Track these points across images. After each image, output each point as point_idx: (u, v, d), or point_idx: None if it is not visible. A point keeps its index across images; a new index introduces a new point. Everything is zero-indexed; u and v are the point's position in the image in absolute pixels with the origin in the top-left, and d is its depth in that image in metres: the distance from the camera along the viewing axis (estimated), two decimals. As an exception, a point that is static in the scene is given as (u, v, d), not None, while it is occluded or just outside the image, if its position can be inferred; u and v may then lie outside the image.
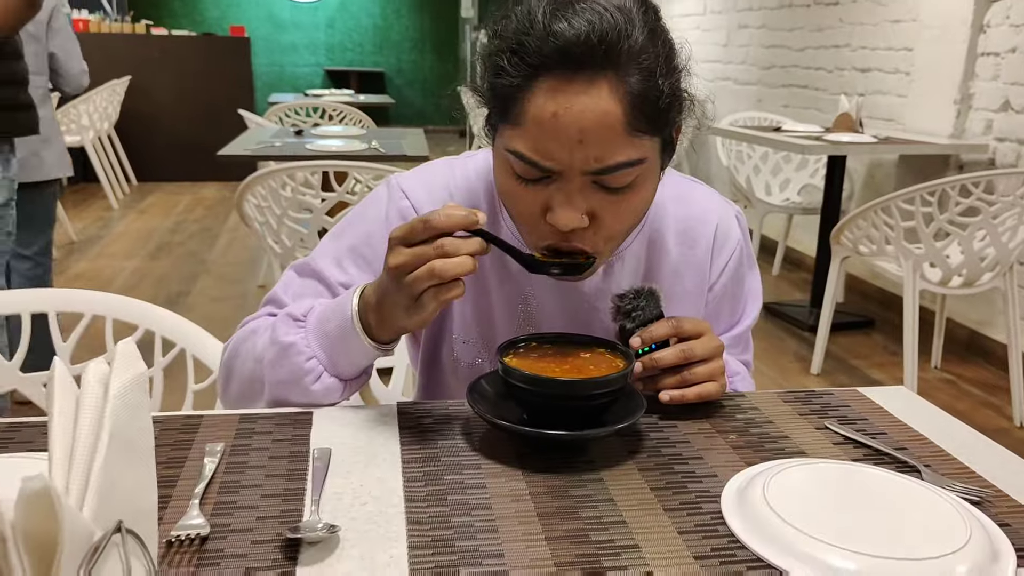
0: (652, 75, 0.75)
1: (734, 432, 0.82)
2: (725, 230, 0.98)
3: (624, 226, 0.82)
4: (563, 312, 0.95)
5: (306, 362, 0.83)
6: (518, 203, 0.81)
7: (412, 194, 0.93)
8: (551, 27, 0.73)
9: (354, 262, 0.92)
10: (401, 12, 9.67)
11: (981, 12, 3.33)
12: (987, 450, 0.80)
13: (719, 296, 1.00)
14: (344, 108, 4.51)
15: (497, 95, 0.78)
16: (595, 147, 0.74)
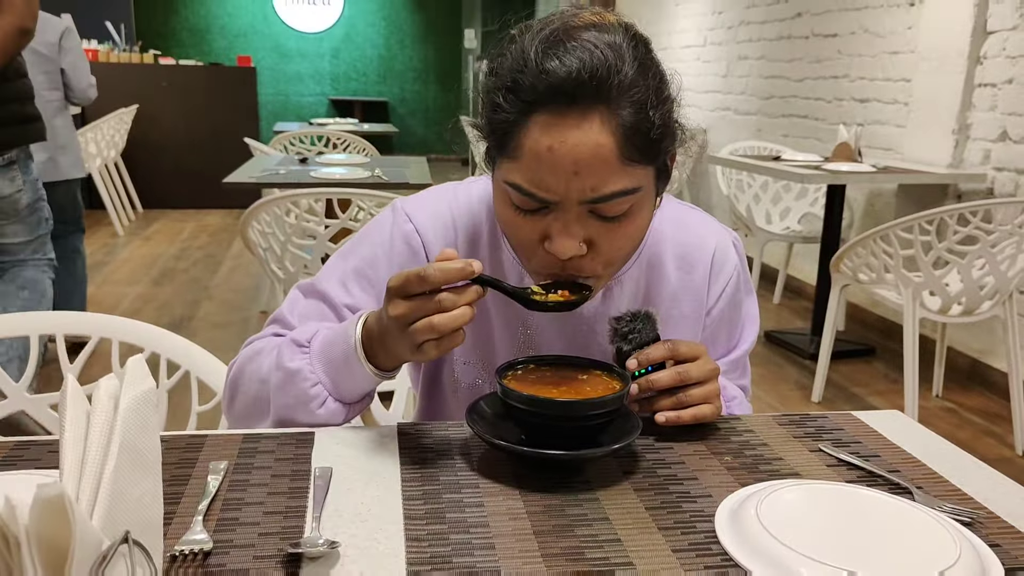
0: (643, 107, 0.77)
1: (729, 454, 0.83)
2: (722, 255, 1.00)
3: (621, 252, 0.84)
4: (562, 335, 0.97)
5: (311, 388, 0.85)
6: (517, 233, 0.83)
7: (415, 218, 0.96)
8: (543, 65, 0.76)
9: (359, 284, 0.94)
10: (405, 43, 9.80)
11: (978, 44, 3.38)
12: (979, 472, 0.81)
13: (717, 321, 1.02)
14: (348, 136, 4.56)
15: (495, 130, 0.81)
16: (590, 178, 0.77)
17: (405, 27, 9.74)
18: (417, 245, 0.95)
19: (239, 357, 0.94)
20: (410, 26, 9.74)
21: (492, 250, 0.96)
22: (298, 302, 0.96)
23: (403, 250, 0.95)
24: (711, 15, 5.77)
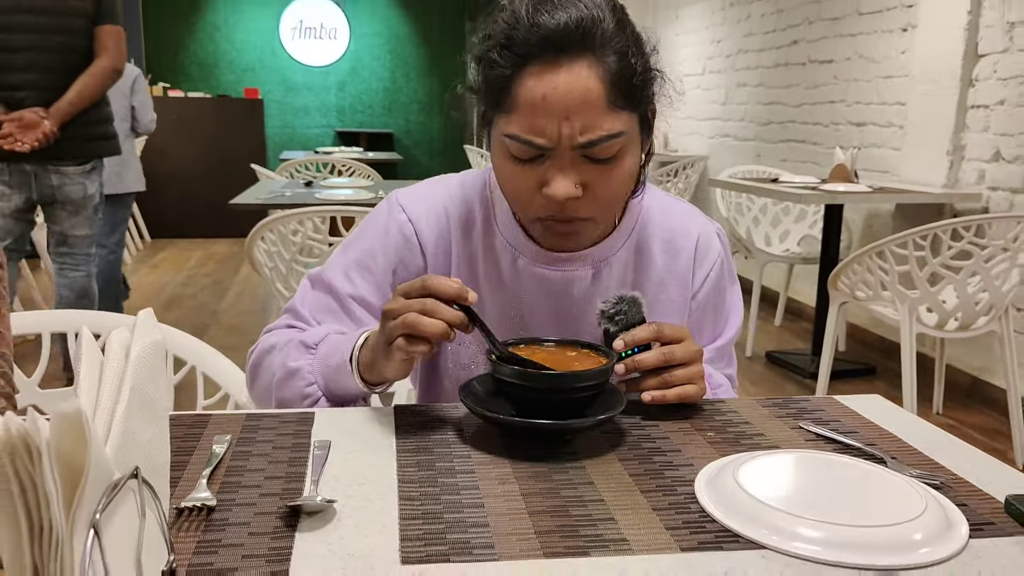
0: (625, 55, 0.85)
1: (712, 430, 0.86)
2: (706, 242, 1.05)
3: (613, 194, 0.89)
4: (553, 315, 1.01)
5: (307, 387, 0.92)
6: (516, 182, 0.89)
7: (409, 208, 1.01)
8: (535, 20, 0.83)
9: (360, 274, 1.00)
10: (410, 76, 9.94)
11: (969, 67, 3.44)
12: (951, 445, 0.85)
13: (702, 305, 1.06)
14: (353, 163, 4.63)
15: (491, 87, 0.87)
16: (580, 121, 0.83)
17: (410, 60, 9.90)
18: (410, 233, 1.00)
19: (258, 346, 1.01)
20: (415, 59, 9.90)
21: (485, 235, 1.01)
22: (307, 293, 1.03)
23: (398, 239, 1.00)
24: (710, 44, 5.87)
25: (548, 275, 0.99)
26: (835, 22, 4.39)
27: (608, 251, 1.00)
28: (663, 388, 0.89)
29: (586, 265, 0.99)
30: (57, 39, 2.66)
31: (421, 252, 1.00)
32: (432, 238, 1.00)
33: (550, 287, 0.99)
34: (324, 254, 2.45)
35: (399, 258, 1.00)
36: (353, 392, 0.91)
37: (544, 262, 0.99)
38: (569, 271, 0.99)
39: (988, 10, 3.35)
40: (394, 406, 0.91)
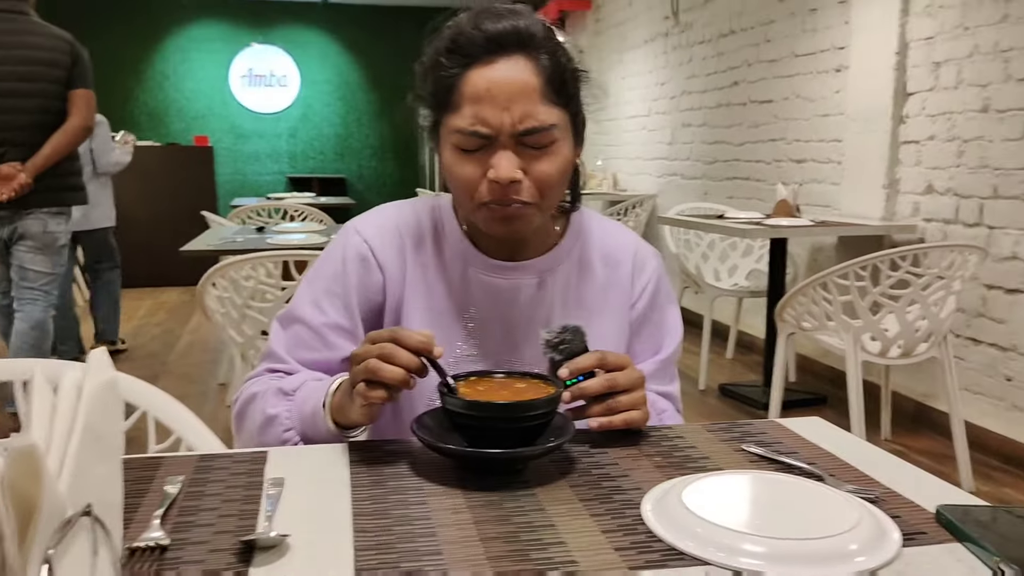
0: (555, 56, 0.97)
1: (658, 455, 0.89)
2: (643, 256, 1.14)
3: (550, 180, 0.97)
4: (502, 321, 1.07)
5: (284, 432, 0.96)
6: (463, 171, 0.97)
7: (364, 232, 1.08)
8: (477, 26, 0.96)
9: (329, 301, 1.05)
10: (362, 122, 10.00)
11: (900, 105, 3.60)
12: (886, 461, 0.88)
13: (641, 317, 1.12)
14: (305, 208, 4.64)
15: (439, 89, 0.97)
16: (519, 110, 0.94)
17: (361, 106, 9.97)
18: (366, 252, 1.06)
19: (240, 395, 1.05)
20: (366, 105, 9.97)
21: (436, 249, 1.08)
22: (279, 333, 1.06)
23: (356, 260, 1.06)
24: (655, 86, 6.04)
25: (496, 283, 1.06)
26: (773, 64, 4.56)
27: (552, 263, 1.08)
28: (609, 414, 0.92)
29: (531, 275, 1.07)
30: (35, 102, 3.03)
31: (378, 268, 1.06)
32: (387, 255, 1.07)
33: (498, 295, 1.06)
34: (277, 299, 2.45)
35: (359, 278, 1.06)
36: (328, 437, 0.93)
37: (492, 271, 1.06)
38: (515, 279, 1.06)
39: (914, 51, 3.52)
40: (348, 442, 0.92)
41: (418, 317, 1.06)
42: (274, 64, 9.59)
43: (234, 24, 9.33)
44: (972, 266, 2.77)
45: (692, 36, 5.43)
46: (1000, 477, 2.97)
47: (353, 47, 9.79)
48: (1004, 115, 3.09)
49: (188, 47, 9.29)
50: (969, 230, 3.25)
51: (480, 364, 1.06)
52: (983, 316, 3.21)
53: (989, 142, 3.16)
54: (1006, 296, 3.10)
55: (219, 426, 3.39)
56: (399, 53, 9.88)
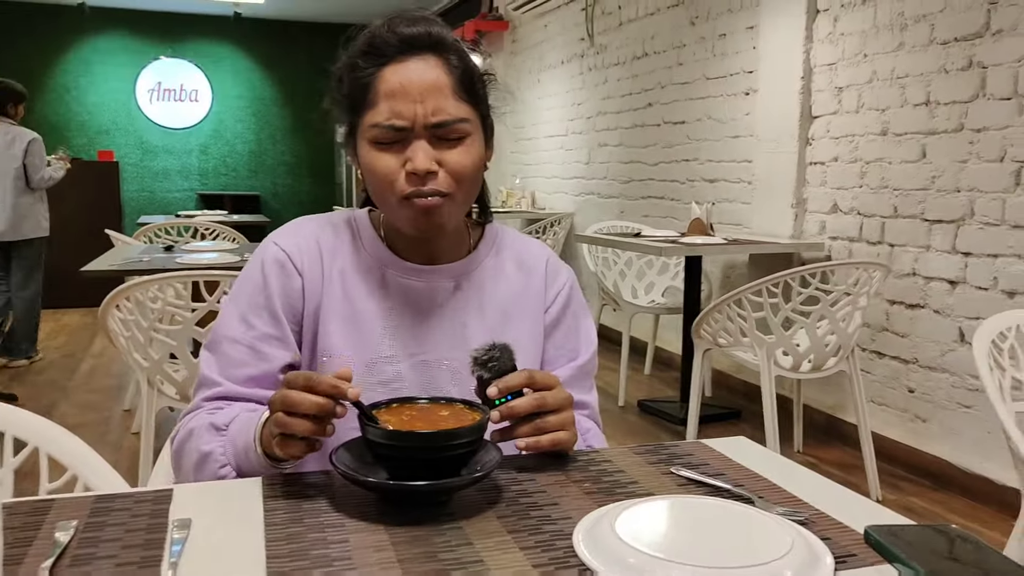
0: (464, 58, 1.02)
1: (587, 481, 0.87)
2: (555, 265, 1.16)
3: (464, 171, 1.00)
4: (421, 322, 1.06)
5: (220, 469, 0.92)
6: (382, 165, 0.98)
7: (280, 241, 1.07)
8: (392, 28, 1.00)
9: (255, 313, 1.03)
10: (276, 138, 9.80)
11: (805, 127, 3.73)
12: (813, 481, 0.89)
13: (555, 320, 1.13)
14: (217, 227, 4.48)
15: (355, 88, 1.00)
16: (432, 103, 0.97)
17: (275, 122, 9.77)
18: (284, 259, 1.06)
19: (177, 433, 1.01)
20: (281, 121, 9.77)
21: (354, 255, 1.08)
22: (210, 359, 1.03)
23: (275, 268, 1.05)
24: (571, 107, 6.11)
25: (414, 285, 1.07)
26: (685, 86, 4.67)
27: (468, 267, 1.10)
28: (536, 435, 0.90)
29: (448, 278, 1.08)
30: None
31: (297, 273, 1.05)
32: (305, 261, 1.06)
33: (417, 296, 1.07)
34: (187, 321, 2.34)
35: (279, 285, 1.05)
36: (262, 470, 0.90)
37: (410, 274, 1.07)
38: (432, 282, 1.08)
39: (818, 76, 3.66)
40: (261, 477, 0.87)
41: (337, 321, 1.05)
42: (184, 78, 9.31)
43: (141, 37, 9.02)
44: (876, 282, 2.88)
45: (607, 58, 5.52)
46: (905, 486, 3.08)
47: (267, 62, 9.60)
48: (902, 138, 3.24)
49: (92, 59, 8.93)
50: (872, 248, 3.39)
51: (399, 364, 1.04)
52: (886, 330, 3.34)
53: (889, 164, 3.30)
54: (907, 311, 3.24)
55: (124, 455, 3.23)
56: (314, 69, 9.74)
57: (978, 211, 2.92)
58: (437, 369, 1.05)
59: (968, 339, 2.97)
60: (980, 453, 2.94)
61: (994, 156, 2.85)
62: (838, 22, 3.54)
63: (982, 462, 2.93)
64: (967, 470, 2.97)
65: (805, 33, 3.68)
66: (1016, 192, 2.78)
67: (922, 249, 3.15)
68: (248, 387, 1.01)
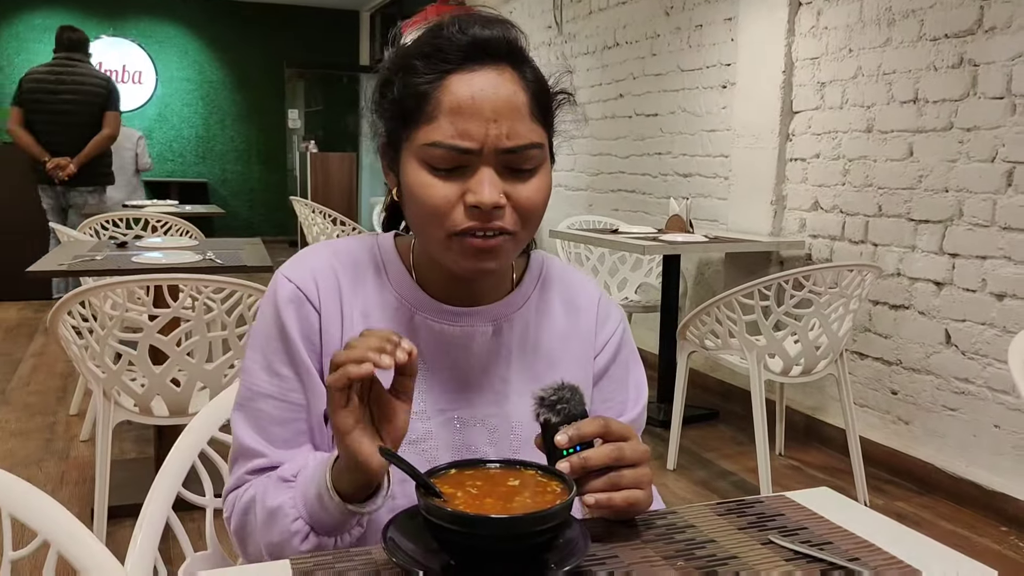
0: (538, 73, 0.89)
1: (680, 558, 0.74)
2: (607, 306, 1.02)
3: (534, 207, 0.86)
4: (454, 371, 0.93)
5: (292, 523, 0.79)
6: (435, 195, 0.83)
7: (293, 275, 0.92)
8: (463, 29, 0.84)
9: (280, 361, 0.90)
10: (225, 123, 9.45)
11: (787, 122, 3.66)
12: (931, 550, 0.77)
13: (604, 369, 1.00)
14: (168, 219, 4.23)
15: (409, 95, 0.85)
16: (506, 125, 0.82)
17: (225, 107, 9.41)
18: (299, 297, 0.91)
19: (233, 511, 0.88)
20: (231, 106, 9.42)
21: (379, 293, 0.93)
22: (243, 422, 0.90)
23: (290, 307, 0.90)
24: (537, 96, 5.96)
25: (447, 330, 0.92)
26: (659, 78, 4.57)
27: (509, 308, 0.95)
28: (610, 491, 0.77)
29: (486, 321, 0.93)
30: (82, 118, 4.94)
31: (313, 308, 0.91)
32: (321, 296, 0.91)
33: (450, 342, 0.93)
34: (149, 328, 2.14)
35: (299, 327, 0.90)
36: (340, 519, 0.77)
37: (443, 317, 0.92)
38: (469, 326, 0.93)
39: (800, 70, 3.59)
40: (288, 561, 0.72)
41: None
42: (127, 58, 8.91)
43: (82, 14, 8.59)
44: (868, 284, 2.82)
45: (576, 47, 5.39)
46: (890, 490, 3.04)
47: (217, 44, 9.24)
48: (887, 136, 3.18)
49: (28, 37, 8.48)
50: (855, 247, 3.33)
51: (429, 422, 0.91)
52: (869, 331, 3.29)
53: (873, 162, 3.24)
54: (891, 312, 3.19)
55: (73, 466, 3.00)
56: (268, 52, 9.43)
57: (967, 212, 2.87)
58: (471, 428, 0.92)
59: (954, 341, 2.94)
60: (965, 457, 2.91)
61: (985, 156, 2.80)
62: (822, 15, 3.47)
63: (967, 466, 2.90)
64: (952, 474, 2.94)
65: (787, 26, 3.60)
66: (1007, 193, 2.74)
67: (907, 249, 3.10)
68: (294, 449, 0.87)
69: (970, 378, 2.89)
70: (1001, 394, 2.79)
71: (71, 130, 4.87)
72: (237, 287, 2.10)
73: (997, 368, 2.79)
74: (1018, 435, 2.73)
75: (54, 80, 4.89)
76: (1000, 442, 2.79)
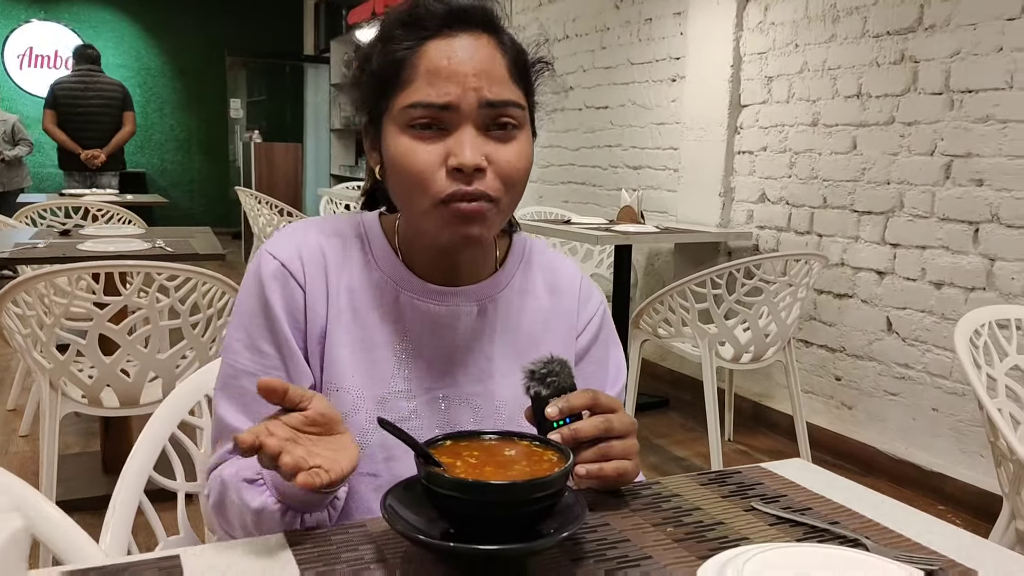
0: (516, 42, 0.89)
1: (669, 524, 0.76)
2: (588, 287, 1.03)
3: (515, 172, 0.85)
4: (440, 349, 0.93)
5: (283, 517, 0.77)
6: (417, 160, 0.83)
7: (277, 252, 0.91)
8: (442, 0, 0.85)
9: (263, 338, 0.88)
10: (164, 112, 9.20)
11: (734, 116, 3.73)
12: (906, 514, 0.80)
13: (584, 349, 1.01)
14: (110, 207, 4.11)
15: (388, 63, 0.85)
16: (487, 80, 0.83)
17: (164, 95, 9.16)
18: (283, 274, 0.90)
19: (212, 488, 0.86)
20: (170, 94, 9.18)
21: (364, 272, 0.93)
22: (225, 401, 0.88)
23: (274, 284, 0.89)
24: (486, 88, 5.96)
25: (433, 309, 0.92)
26: (608, 71, 4.61)
27: (494, 288, 0.96)
28: (600, 461, 0.79)
29: (470, 301, 0.93)
30: (106, 118, 6.05)
31: (299, 286, 0.90)
32: (307, 273, 0.90)
33: (436, 321, 0.92)
34: (98, 317, 2.08)
35: (282, 301, 0.89)
36: (314, 499, 0.76)
37: (429, 296, 0.92)
38: (454, 306, 0.93)
39: (748, 64, 3.67)
40: (283, 532, 0.71)
41: (346, 347, 0.89)
42: (59, 43, 8.61)
43: (10, -4, 8.25)
44: (816, 273, 2.90)
45: (525, 39, 5.38)
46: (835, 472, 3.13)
47: (155, 31, 8.98)
48: (832, 129, 3.27)
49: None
50: (800, 237, 3.42)
51: (415, 400, 0.91)
52: (814, 320, 3.39)
53: (819, 154, 3.33)
54: (835, 300, 3.29)
55: (13, 463, 2.89)
56: (208, 40, 9.21)
57: (907, 203, 2.98)
58: (457, 407, 0.92)
59: (895, 328, 3.04)
60: (905, 439, 3.02)
61: (924, 150, 2.91)
62: (769, 11, 3.55)
63: (907, 447, 3.01)
64: (893, 455, 3.05)
65: (735, 21, 3.67)
66: (946, 185, 2.84)
67: (851, 240, 3.20)
68: None
69: (910, 364, 3.00)
70: (939, 379, 2.90)
71: (97, 128, 6.04)
72: (192, 274, 2.06)
73: (936, 354, 2.90)
74: (955, 418, 2.84)
75: (83, 88, 6.01)
76: (938, 424, 2.90)
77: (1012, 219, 2.64)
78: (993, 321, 1.73)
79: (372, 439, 0.87)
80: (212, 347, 2.20)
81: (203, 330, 2.18)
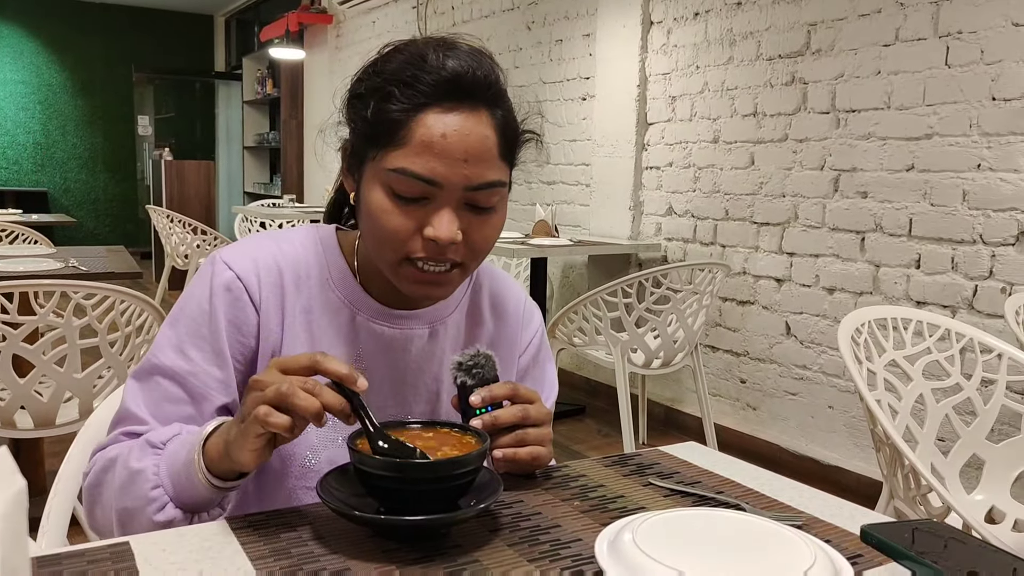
0: (510, 113, 0.91)
1: (576, 499, 0.85)
2: (530, 308, 1.09)
3: (487, 244, 0.90)
4: (392, 372, 0.97)
5: (151, 490, 0.79)
6: (393, 221, 0.86)
7: (234, 263, 0.92)
8: (444, 64, 0.85)
9: (194, 344, 0.89)
10: (67, 129, 8.92)
11: (642, 133, 3.91)
12: (781, 483, 0.92)
13: (525, 368, 1.08)
14: (13, 227, 4.00)
15: (383, 120, 0.85)
16: (475, 166, 0.85)
17: (67, 112, 8.88)
18: (238, 288, 0.91)
19: (93, 466, 0.85)
20: (73, 111, 8.90)
21: (321, 292, 0.95)
22: (136, 391, 0.88)
23: (226, 298, 0.91)
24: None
25: (387, 332, 0.96)
26: (521, 89, 4.72)
27: (443, 312, 1.00)
28: (516, 446, 0.87)
29: (423, 324, 0.98)
30: None
31: (253, 306, 0.91)
32: (263, 292, 0.92)
33: (389, 344, 0.96)
34: (12, 337, 2.05)
35: (229, 318, 0.90)
36: (204, 495, 0.78)
37: (383, 319, 0.96)
38: (407, 329, 0.97)
39: (653, 84, 3.85)
40: (225, 519, 0.77)
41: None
42: (-48, 58, 8.25)
43: (-103, 8, 7.90)
44: (719, 281, 3.07)
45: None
46: (742, 470, 3.30)
47: (55, 45, 8.71)
48: (732, 146, 3.47)
49: None
50: (705, 248, 3.61)
51: None
52: (720, 326, 3.57)
53: (720, 170, 3.53)
54: (738, 307, 3.48)
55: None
56: (113, 55, 8.98)
57: (801, 215, 3.19)
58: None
59: (793, 332, 3.24)
60: (805, 436, 3.22)
61: (815, 164, 3.13)
62: (671, 34, 3.74)
63: (807, 443, 3.21)
64: (795, 452, 3.24)
65: (640, 43, 3.86)
66: (835, 198, 3.06)
67: (751, 250, 3.40)
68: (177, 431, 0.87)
69: (807, 365, 3.20)
70: (834, 378, 3.10)
71: None
72: (111, 293, 2.06)
73: (831, 355, 3.11)
74: (848, 414, 3.05)
75: None
76: (833, 421, 3.11)
77: (893, 228, 2.87)
78: (872, 320, 1.91)
79: (321, 456, 0.92)
80: (131, 365, 2.20)
81: (121, 348, 2.18)
